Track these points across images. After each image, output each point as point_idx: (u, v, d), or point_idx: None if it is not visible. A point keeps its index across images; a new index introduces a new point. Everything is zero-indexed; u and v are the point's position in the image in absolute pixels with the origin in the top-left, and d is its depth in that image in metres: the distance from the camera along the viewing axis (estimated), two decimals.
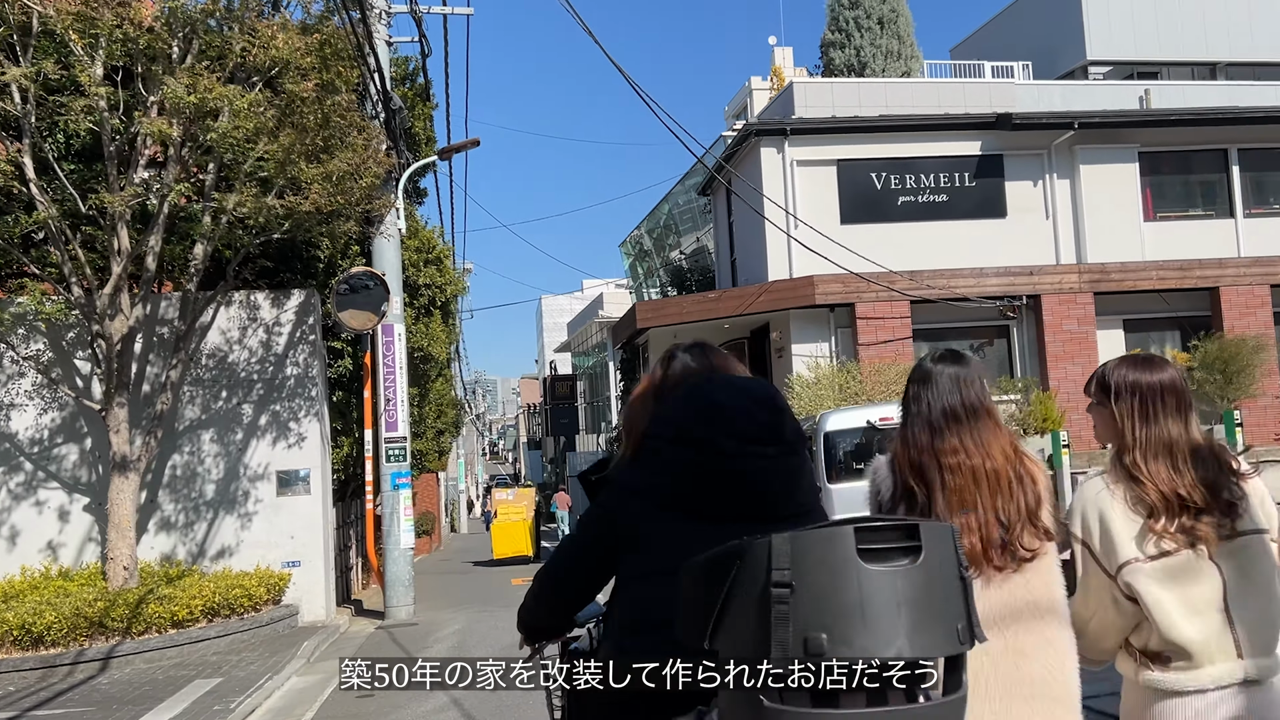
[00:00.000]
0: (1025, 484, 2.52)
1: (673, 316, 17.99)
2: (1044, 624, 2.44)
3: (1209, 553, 2.36)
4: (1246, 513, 2.40)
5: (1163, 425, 2.47)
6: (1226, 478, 2.40)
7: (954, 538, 1.62)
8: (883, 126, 18.06)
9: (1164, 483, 2.41)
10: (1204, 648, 2.35)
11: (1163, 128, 18.25)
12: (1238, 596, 2.37)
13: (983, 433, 2.55)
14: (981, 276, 16.90)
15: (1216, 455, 2.44)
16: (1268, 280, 17.26)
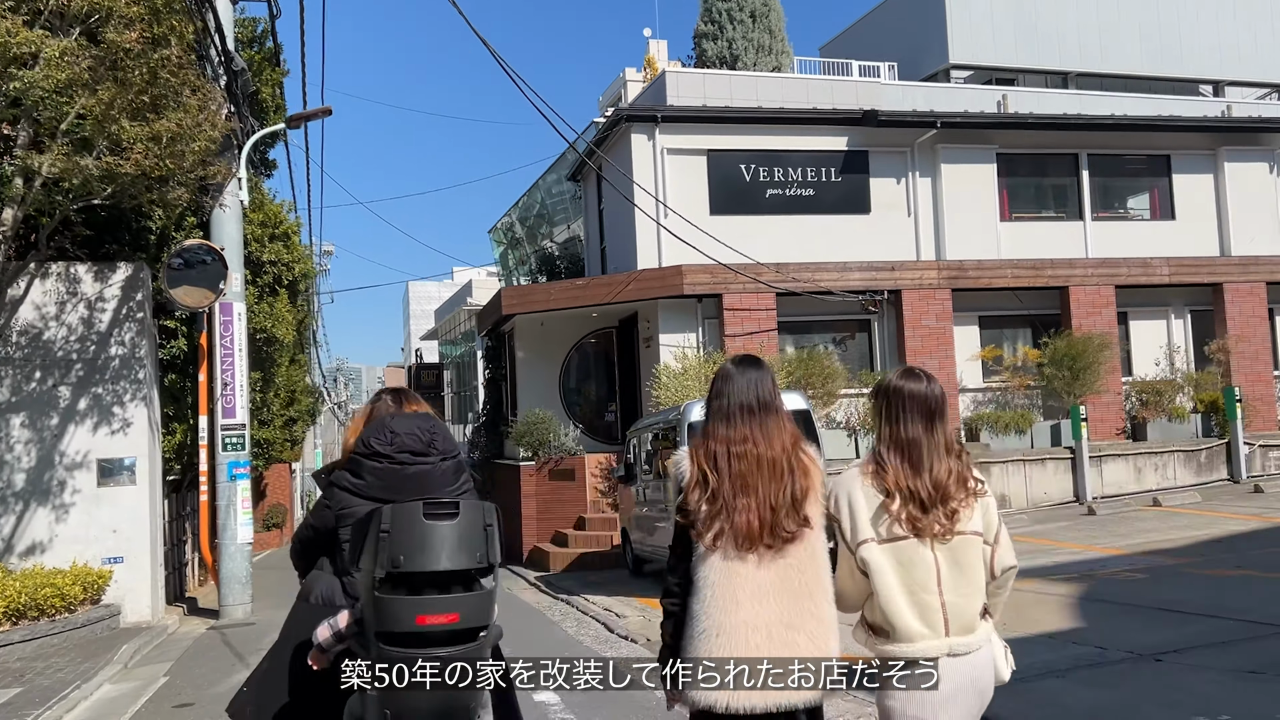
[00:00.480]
0: (797, 475, 2.85)
1: (539, 303, 17.54)
2: (813, 600, 2.78)
3: (931, 544, 2.78)
4: (970, 518, 2.85)
5: (904, 426, 2.89)
6: (959, 491, 2.85)
7: (485, 511, 2.90)
8: (753, 118, 18.03)
9: (903, 476, 2.82)
10: (916, 625, 2.76)
11: (1020, 130, 18.82)
12: (949, 583, 2.78)
13: (770, 426, 2.90)
14: (845, 271, 17.05)
15: (959, 472, 2.87)
16: (1112, 281, 17.99)
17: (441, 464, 3.22)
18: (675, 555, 2.91)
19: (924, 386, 2.95)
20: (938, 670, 2.75)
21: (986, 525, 2.94)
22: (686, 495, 2.87)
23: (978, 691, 2.82)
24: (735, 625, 2.75)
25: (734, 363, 3.05)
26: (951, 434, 2.97)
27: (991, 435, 16.87)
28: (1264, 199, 19.82)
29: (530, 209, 27.57)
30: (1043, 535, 13.64)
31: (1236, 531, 12.41)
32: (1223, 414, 17.34)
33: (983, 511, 2.94)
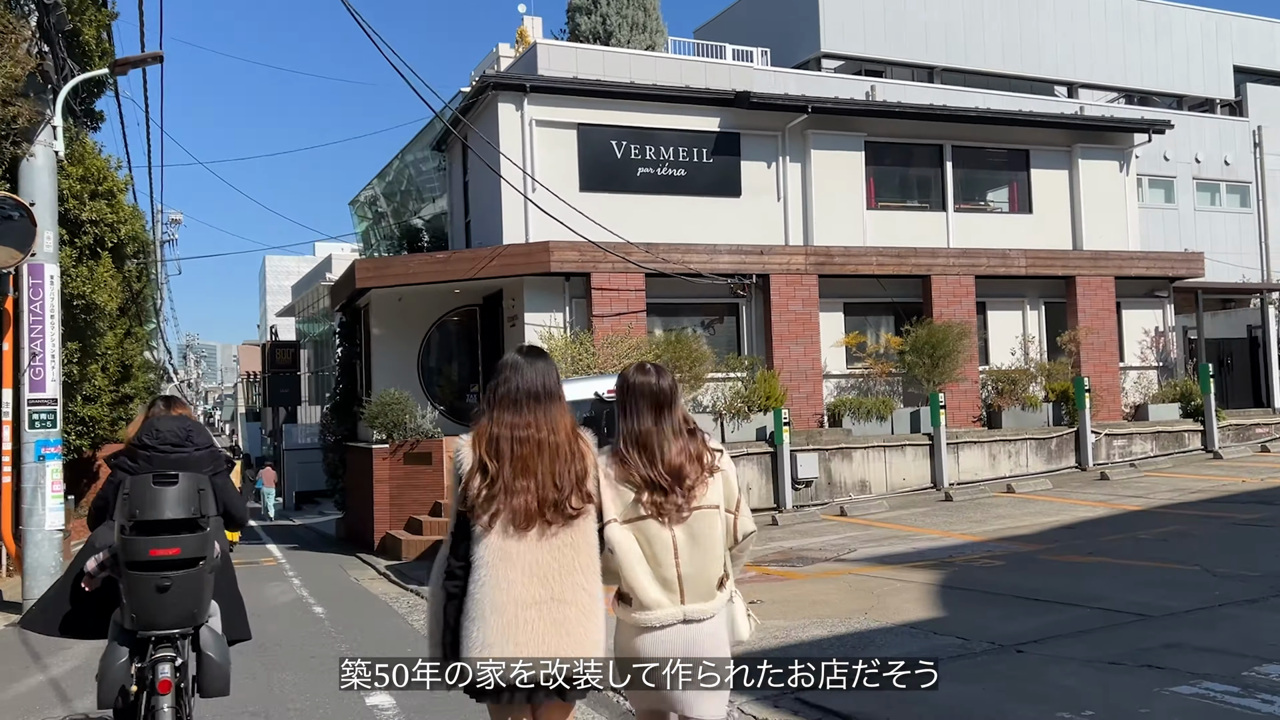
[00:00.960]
0: (577, 458, 3.06)
1: (397, 277, 16.65)
2: (583, 575, 2.97)
3: (669, 522, 3.09)
4: (707, 490, 3.15)
5: (637, 420, 3.24)
6: (694, 469, 3.15)
7: (200, 480, 4.24)
8: (626, 93, 17.56)
9: (642, 466, 3.13)
10: (655, 594, 3.06)
11: (888, 119, 18.96)
12: (686, 556, 3.08)
13: (552, 413, 3.10)
14: (715, 253, 16.81)
15: (692, 450, 3.19)
16: (973, 271, 18.33)
17: (195, 453, 4.63)
18: (455, 539, 3.08)
19: (653, 380, 3.30)
20: (672, 634, 3.08)
21: (727, 496, 3.25)
22: (467, 482, 3.02)
23: (711, 649, 3.11)
24: (508, 602, 2.93)
25: (520, 353, 3.27)
26: (680, 417, 3.27)
27: (854, 421, 16.95)
28: (1114, 196, 20.59)
29: (398, 184, 26.39)
30: (902, 521, 13.72)
31: (1087, 518, 12.72)
32: (1073, 403, 17.91)
33: (722, 484, 3.25)
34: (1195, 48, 31.25)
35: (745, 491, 15.58)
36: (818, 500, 16.09)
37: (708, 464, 3.22)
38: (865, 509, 14.89)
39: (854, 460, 16.42)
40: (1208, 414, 18.39)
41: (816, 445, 16.24)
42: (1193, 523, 11.61)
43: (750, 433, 16.15)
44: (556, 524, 2.98)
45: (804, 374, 17.19)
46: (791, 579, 10.00)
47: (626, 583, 3.12)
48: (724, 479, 3.27)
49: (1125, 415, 19.26)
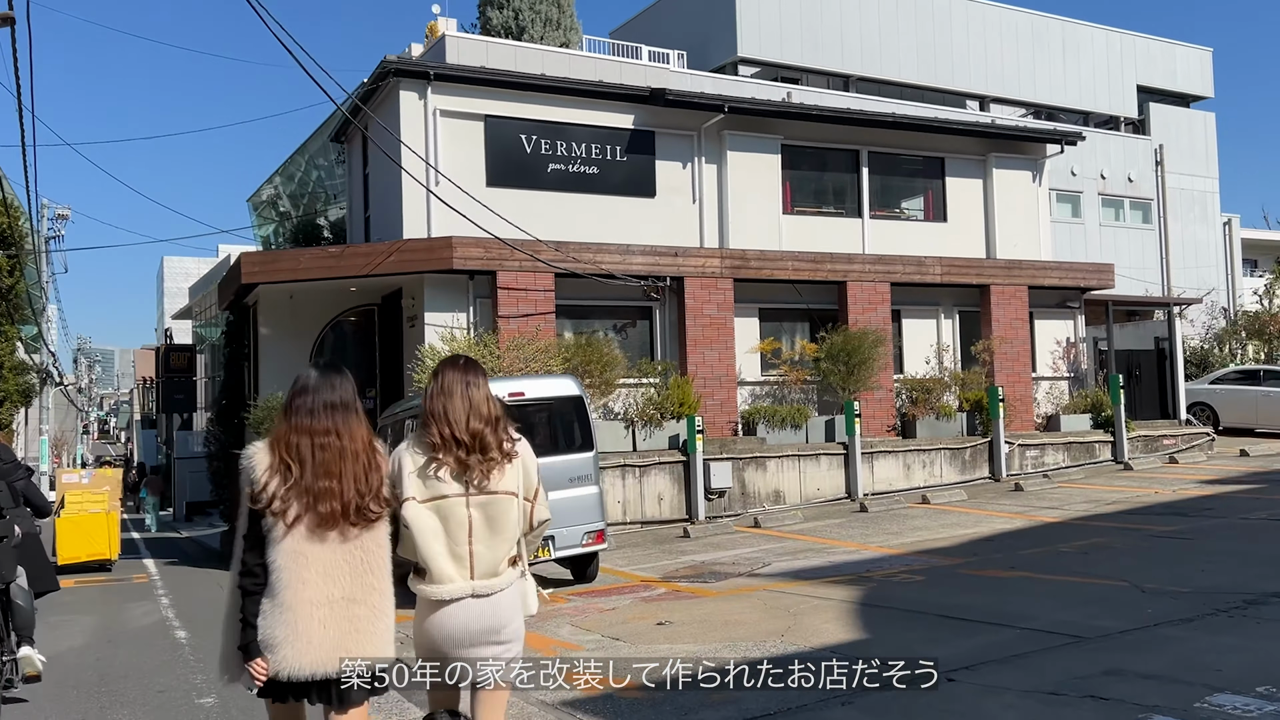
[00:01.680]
0: (375, 467, 3.35)
1: (287, 272, 15.54)
2: (375, 576, 3.28)
3: (466, 501, 3.34)
4: (504, 477, 3.39)
5: (445, 395, 3.46)
6: (494, 439, 3.40)
7: None
8: (537, 85, 16.80)
9: (445, 426, 3.38)
10: (447, 569, 3.32)
11: (804, 122, 18.57)
12: (480, 535, 3.34)
13: (350, 423, 3.38)
14: (628, 254, 16.14)
15: (495, 424, 3.44)
16: (889, 278, 18.03)
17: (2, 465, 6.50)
18: (251, 539, 3.21)
19: (460, 368, 3.55)
20: (462, 606, 3.30)
21: (526, 485, 3.48)
22: (265, 484, 3.18)
23: (496, 622, 3.34)
24: (302, 601, 3.11)
25: (317, 368, 3.52)
26: (485, 398, 3.49)
27: (768, 429, 16.44)
28: (1027, 206, 20.59)
29: (304, 184, 25.04)
30: (817, 533, 13.21)
31: (1004, 530, 12.37)
32: (987, 413, 17.71)
33: (521, 473, 3.46)
34: (1101, 66, 31.88)
35: (658, 500, 14.93)
36: (731, 511, 15.52)
37: (508, 450, 3.45)
38: (779, 520, 14.35)
39: (768, 470, 15.89)
40: (1118, 425, 18.41)
41: (730, 454, 15.66)
42: (1112, 535, 11.32)
43: (663, 440, 15.50)
44: (358, 527, 3.23)
45: (718, 380, 16.62)
46: (703, 596, 9.34)
47: (422, 557, 3.33)
48: (523, 467, 3.49)
49: (1037, 425, 19.18)
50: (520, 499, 3.44)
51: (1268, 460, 17.77)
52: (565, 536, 10.00)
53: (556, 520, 9.95)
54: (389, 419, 12.11)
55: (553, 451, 10.38)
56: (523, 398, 10.16)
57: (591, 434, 10.47)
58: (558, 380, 10.62)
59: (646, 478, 14.96)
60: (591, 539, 10.18)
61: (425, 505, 3.35)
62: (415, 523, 3.33)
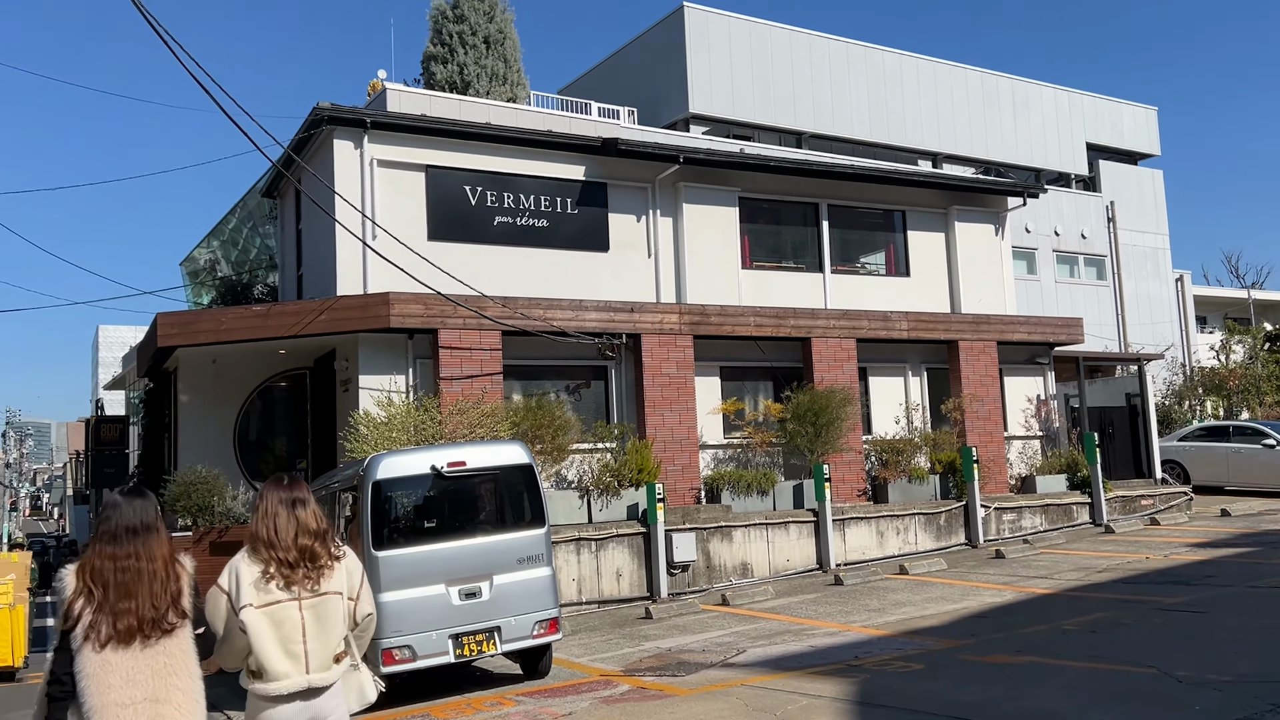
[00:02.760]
0: (173, 579, 3.69)
1: (210, 334, 14.21)
2: (178, 677, 3.60)
3: (299, 605, 3.86)
4: (331, 578, 3.96)
5: (274, 517, 3.99)
6: (323, 550, 3.98)
7: None
8: (480, 134, 15.85)
9: (273, 548, 3.91)
10: (284, 666, 3.79)
11: (762, 174, 17.82)
12: (312, 634, 3.86)
13: (150, 544, 3.71)
14: (581, 310, 15.10)
15: (323, 536, 4.01)
16: (854, 334, 17.18)
17: None
18: (61, 650, 3.60)
19: (284, 489, 4.10)
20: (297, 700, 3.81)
21: (350, 586, 4.03)
22: (70, 604, 3.58)
23: (324, 711, 3.88)
24: (108, 704, 3.48)
25: (121, 493, 3.85)
26: (311, 516, 4.05)
27: (733, 496, 15.33)
28: (990, 260, 19.98)
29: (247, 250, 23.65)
30: (792, 610, 12.05)
31: (995, 604, 11.33)
32: (960, 475, 16.80)
33: (346, 573, 4.03)
34: (1051, 124, 31.92)
35: (616, 576, 13.69)
36: (695, 586, 14.31)
37: (334, 554, 4.00)
38: (749, 596, 13.17)
39: (734, 540, 14.75)
40: (1095, 486, 17.59)
41: (694, 524, 14.50)
42: (1116, 609, 10.33)
43: (620, 510, 14.31)
44: (155, 636, 3.59)
45: (679, 444, 15.52)
46: (672, 695, 8.11)
47: (258, 659, 3.78)
48: (347, 569, 4.02)
49: (1012, 487, 18.30)
50: (345, 598, 3.97)
51: (1252, 520, 17.02)
52: (513, 627, 8.75)
53: (504, 608, 8.71)
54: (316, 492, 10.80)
55: (498, 528, 9.17)
56: (463, 468, 8.97)
57: (543, 507, 9.28)
58: (504, 447, 9.45)
59: (604, 552, 13.74)
60: (544, 629, 8.93)
61: (261, 610, 3.82)
62: (252, 627, 3.79)
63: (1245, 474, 21.17)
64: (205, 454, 15.07)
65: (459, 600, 8.62)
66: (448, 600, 8.59)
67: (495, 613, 8.71)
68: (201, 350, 15.06)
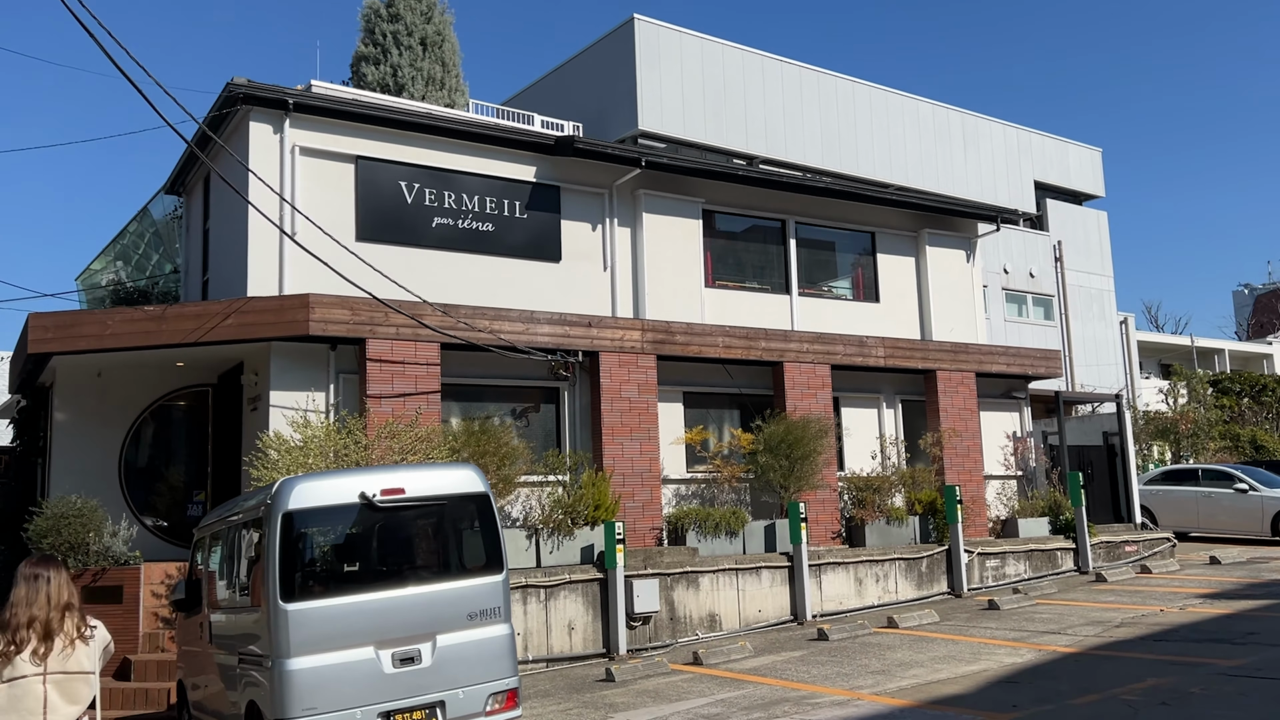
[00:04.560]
0: None
1: (91, 338, 11.97)
2: None
3: (43, 679, 4.20)
4: (79, 656, 4.38)
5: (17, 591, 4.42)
6: (62, 622, 4.40)
7: None
8: (419, 124, 14.06)
9: (19, 628, 4.29)
10: None
11: (729, 184, 16.34)
12: (53, 706, 4.24)
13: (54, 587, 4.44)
14: (533, 322, 13.30)
15: (64, 605, 4.46)
16: (829, 360, 15.68)
17: None
18: None
19: (30, 567, 4.52)
20: None
21: (94, 661, 4.46)
22: None
23: None
24: None
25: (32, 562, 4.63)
26: (59, 590, 4.49)
27: (700, 537, 13.58)
28: (962, 288, 18.78)
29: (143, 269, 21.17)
30: (779, 672, 10.29)
31: (1019, 665, 9.75)
32: (940, 516, 15.34)
33: (95, 652, 4.50)
34: (1000, 160, 31.34)
35: (568, 630, 11.79)
36: (658, 641, 12.48)
37: (81, 634, 4.45)
38: (724, 654, 11.37)
39: (701, 588, 12.98)
40: (1080, 530, 16.29)
41: (657, 568, 12.70)
42: (1168, 673, 8.83)
43: (573, 553, 12.44)
44: None
45: (640, 477, 13.74)
46: None
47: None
48: (96, 648, 4.53)
49: (991, 530, 16.91)
50: (95, 675, 4.42)
51: (1248, 569, 15.86)
52: (461, 702, 6.81)
53: (449, 677, 6.79)
54: (206, 529, 8.70)
55: (443, 574, 7.25)
56: (401, 496, 7.06)
57: (500, 547, 7.40)
58: (452, 471, 7.55)
59: (554, 601, 11.84)
60: (500, 703, 7.01)
61: (4, 685, 4.25)
62: None
63: (1214, 519, 20.22)
64: (84, 483, 12.76)
65: (392, 667, 6.67)
66: (377, 667, 6.63)
67: (438, 683, 6.77)
68: (83, 360, 12.83)
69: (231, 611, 7.57)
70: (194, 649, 8.51)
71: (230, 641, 7.42)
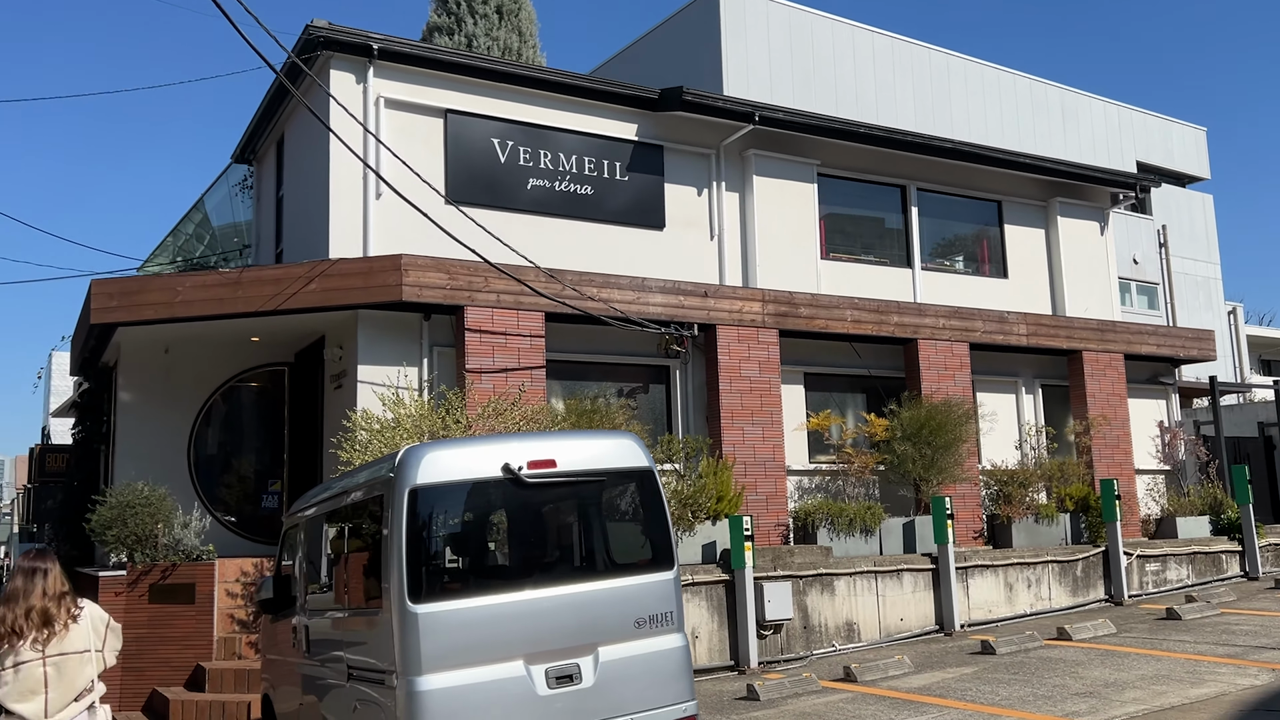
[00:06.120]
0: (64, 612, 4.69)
1: (159, 307, 10.66)
2: None
3: (43, 662, 4.56)
4: (73, 637, 4.67)
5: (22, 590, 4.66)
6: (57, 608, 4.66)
7: None
8: (514, 74, 12.67)
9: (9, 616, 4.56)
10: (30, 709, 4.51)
11: (848, 143, 14.68)
12: (53, 684, 4.57)
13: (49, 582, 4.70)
14: (644, 291, 11.83)
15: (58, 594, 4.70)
16: (966, 337, 14.01)
17: None
18: None
19: (29, 560, 4.76)
20: None
21: (90, 639, 4.75)
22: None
23: None
24: None
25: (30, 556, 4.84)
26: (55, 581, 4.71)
27: (832, 535, 11.99)
28: (1096, 262, 16.98)
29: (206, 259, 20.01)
30: (961, 695, 8.67)
31: (1261, 687, 8.04)
32: (1093, 514, 13.60)
33: (87, 630, 4.75)
34: (1101, 139, 29.32)
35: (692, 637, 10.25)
36: (790, 652, 10.92)
37: (72, 614, 4.70)
38: (880, 670, 9.76)
39: (837, 593, 11.38)
40: (1248, 531, 14.43)
41: (788, 570, 11.13)
42: None
43: (694, 550, 10.93)
44: None
45: (762, 466, 12.19)
46: None
47: (6, 706, 4.46)
48: (90, 626, 4.79)
49: (1144, 530, 15.09)
50: (92, 651, 4.75)
51: None
52: None
53: (616, 701, 5.28)
54: (299, 515, 7.29)
55: (603, 571, 5.78)
56: (551, 470, 5.58)
57: (671, 537, 5.91)
58: (610, 441, 6.04)
59: None
60: None
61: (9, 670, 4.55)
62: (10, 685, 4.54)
63: None
64: (150, 470, 11.49)
65: (546, 688, 5.21)
66: (529, 688, 5.17)
67: (602, 708, 5.30)
68: (150, 334, 11.60)
69: (336, 614, 6.14)
70: (284, 658, 7.12)
71: (335, 652, 6.00)
